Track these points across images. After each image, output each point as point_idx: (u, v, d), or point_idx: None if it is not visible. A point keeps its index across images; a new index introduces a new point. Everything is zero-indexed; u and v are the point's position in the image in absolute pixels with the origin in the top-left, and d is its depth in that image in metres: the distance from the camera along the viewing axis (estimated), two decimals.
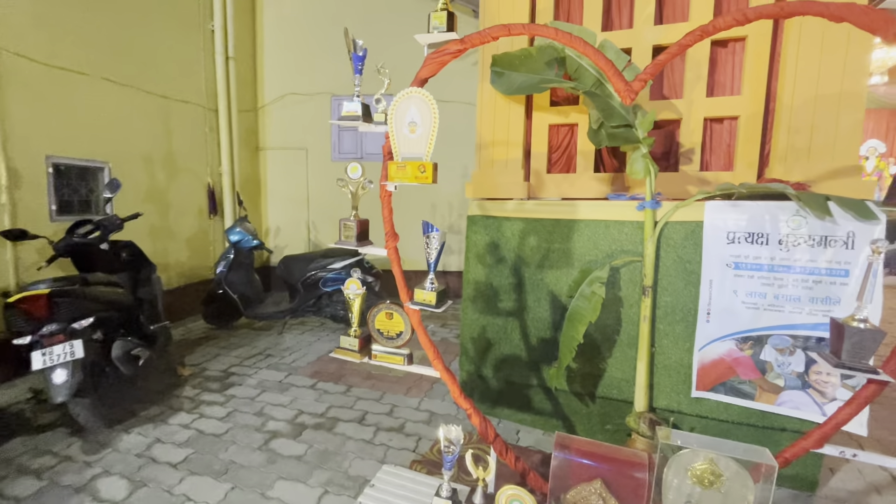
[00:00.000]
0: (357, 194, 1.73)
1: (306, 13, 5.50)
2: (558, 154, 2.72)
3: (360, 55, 1.64)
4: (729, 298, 1.99)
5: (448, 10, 1.49)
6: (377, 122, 1.63)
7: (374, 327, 1.79)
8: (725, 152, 2.39)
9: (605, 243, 2.24)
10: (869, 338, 1.18)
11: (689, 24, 2.33)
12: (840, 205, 1.76)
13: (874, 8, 1.10)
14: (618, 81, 1.37)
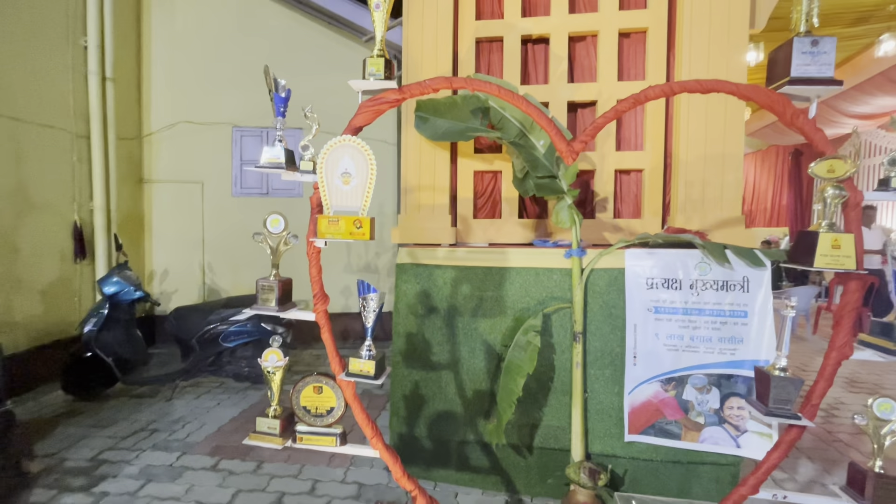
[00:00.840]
0: (279, 250, 1.52)
1: (204, 31, 5.02)
2: (483, 199, 2.73)
3: (282, 96, 1.46)
4: (652, 341, 2.09)
5: (385, 56, 1.40)
6: (304, 170, 1.46)
7: (300, 405, 1.54)
8: (634, 201, 2.60)
9: (536, 290, 2.25)
10: (790, 386, 1.28)
11: (598, 83, 2.54)
12: (735, 253, 1.97)
13: (774, 91, 1.25)
14: (560, 143, 1.38)
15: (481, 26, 2.62)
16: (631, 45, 2.59)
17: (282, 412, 1.55)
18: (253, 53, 5.00)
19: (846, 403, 3.58)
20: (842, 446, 2.87)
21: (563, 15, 2.54)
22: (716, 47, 2.31)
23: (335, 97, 4.86)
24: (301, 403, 1.54)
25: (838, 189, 1.22)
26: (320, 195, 1.42)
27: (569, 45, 2.60)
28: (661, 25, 2.46)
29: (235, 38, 5.01)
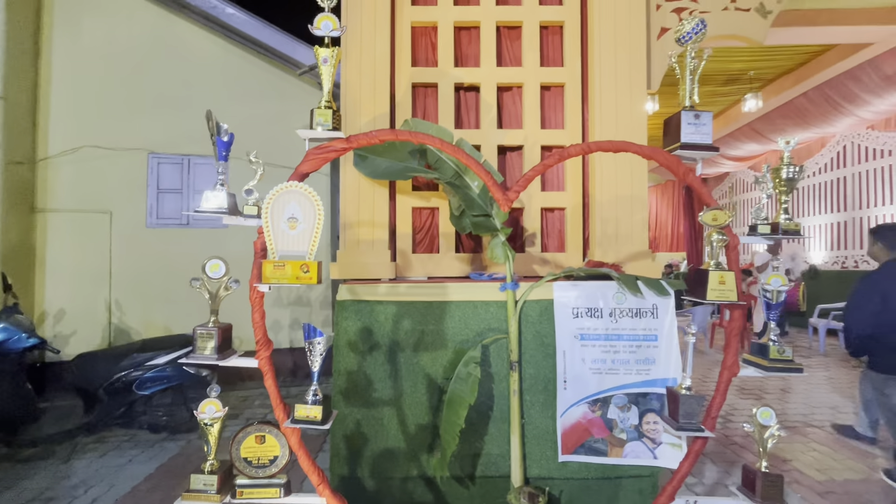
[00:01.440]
0: (218, 296, 1.47)
1: (115, 51, 4.68)
2: (422, 234, 2.83)
3: (224, 140, 1.46)
4: (579, 366, 2.28)
5: (333, 108, 1.47)
6: (248, 214, 1.45)
7: (240, 457, 1.48)
8: (559, 236, 2.85)
9: (475, 323, 2.36)
10: (695, 403, 1.49)
11: (524, 130, 2.79)
12: (645, 283, 2.24)
13: (670, 154, 1.50)
14: (497, 192, 1.52)
15: (417, 72, 2.77)
16: (552, 96, 2.89)
17: (219, 466, 1.47)
18: (174, 77, 4.77)
19: (738, 409, 4.09)
20: (738, 448, 3.28)
21: (492, 67, 2.78)
22: (621, 101, 2.67)
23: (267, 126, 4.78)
24: (241, 455, 1.47)
25: (721, 234, 1.49)
26: (265, 239, 1.42)
27: (497, 93, 2.85)
28: (576, 82, 2.78)
29: (154, 61, 4.75)
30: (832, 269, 7.06)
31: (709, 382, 4.93)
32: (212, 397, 1.46)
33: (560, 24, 2.81)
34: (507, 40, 2.88)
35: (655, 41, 2.81)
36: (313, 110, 1.47)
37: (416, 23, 2.81)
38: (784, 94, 6.06)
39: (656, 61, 2.80)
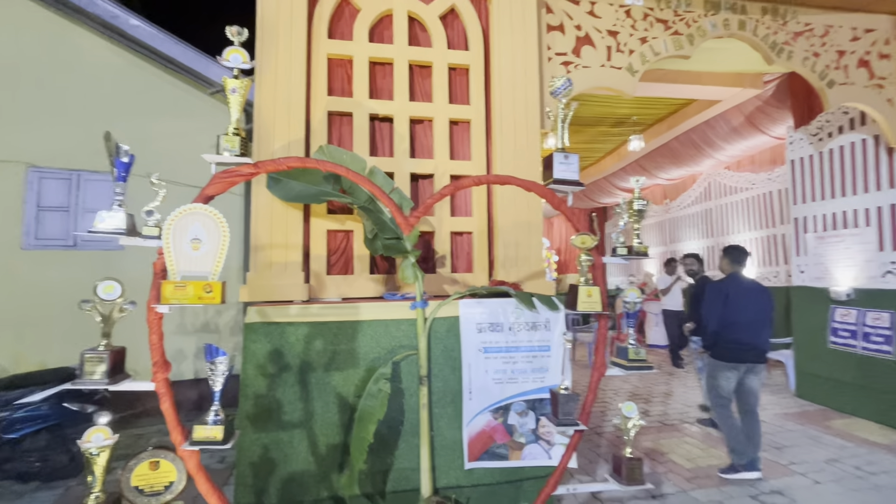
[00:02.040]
0: (111, 318, 1.44)
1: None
2: (336, 256, 2.89)
3: (124, 161, 1.46)
4: (483, 377, 2.48)
5: (241, 135, 1.54)
6: (148, 235, 1.45)
7: (130, 486, 1.42)
8: (467, 258, 3.07)
9: (386, 341, 2.47)
10: (571, 401, 1.72)
11: (435, 160, 3.01)
12: (540, 300, 2.51)
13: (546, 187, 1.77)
14: (399, 217, 1.68)
15: (333, 101, 2.89)
16: (460, 130, 3.16)
17: (105, 498, 1.40)
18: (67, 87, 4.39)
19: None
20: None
21: (405, 101, 2.98)
22: (519, 139, 3.00)
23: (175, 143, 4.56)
24: (132, 484, 1.42)
25: (588, 256, 1.78)
26: (165, 260, 1.43)
27: (410, 125, 3.05)
28: (480, 119, 3.08)
29: (42, 69, 4.35)
30: None
31: (607, 391, 5.44)
32: (99, 424, 1.40)
33: (466, 67, 3.11)
34: (420, 77, 3.12)
35: (548, 88, 3.22)
36: (220, 136, 1.53)
37: (333, 55, 2.95)
38: (661, 137, 7.09)
39: (548, 105, 3.20)
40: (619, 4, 3.37)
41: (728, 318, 3.22)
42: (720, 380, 3.28)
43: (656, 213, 9.79)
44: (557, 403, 1.72)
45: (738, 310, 3.21)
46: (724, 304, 3.24)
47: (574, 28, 3.29)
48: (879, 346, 4.14)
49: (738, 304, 3.22)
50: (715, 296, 3.33)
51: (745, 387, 3.26)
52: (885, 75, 3.85)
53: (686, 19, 3.47)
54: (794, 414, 4.48)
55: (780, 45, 3.61)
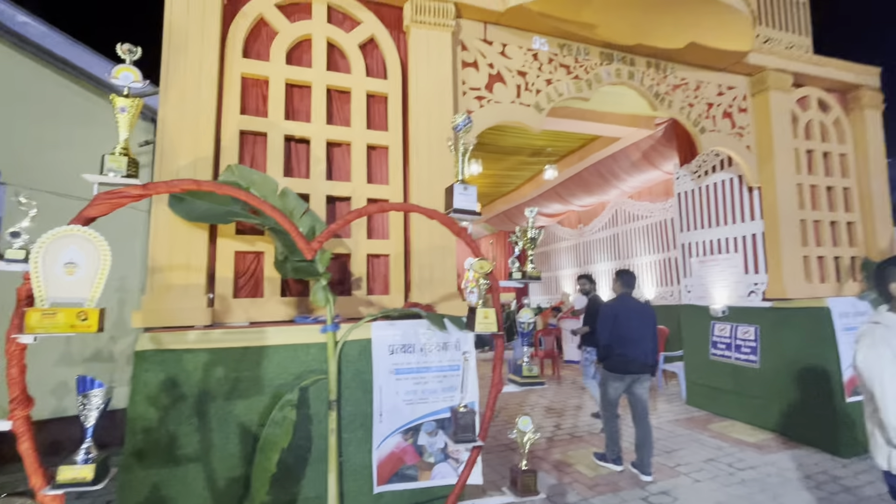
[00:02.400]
0: None
1: None
2: (245, 279, 2.80)
3: None
4: (394, 399, 2.50)
5: (128, 156, 1.48)
6: (11, 259, 1.33)
7: None
8: (383, 280, 3.11)
9: (294, 366, 2.42)
10: (470, 418, 1.82)
11: (352, 183, 3.04)
12: (450, 321, 2.62)
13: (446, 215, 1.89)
14: (301, 242, 1.69)
15: (246, 121, 2.85)
16: (378, 155, 3.23)
17: None
18: None
19: (543, 426, 4.79)
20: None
21: (322, 125, 3.01)
22: (434, 166, 3.13)
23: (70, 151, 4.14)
24: None
25: (486, 280, 1.92)
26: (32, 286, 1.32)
27: (328, 148, 3.08)
28: (398, 145, 3.18)
29: None
30: None
31: (524, 407, 5.67)
32: None
33: (385, 95, 3.21)
34: (339, 102, 3.17)
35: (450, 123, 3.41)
36: (105, 156, 1.46)
37: (248, 74, 2.91)
38: (573, 168, 7.73)
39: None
40: (527, 48, 3.70)
41: (617, 334, 3.62)
42: (609, 388, 3.72)
43: (572, 237, 10.54)
44: (456, 421, 1.81)
45: (626, 327, 3.63)
46: (613, 322, 3.65)
47: (487, 66, 3.55)
48: (748, 357, 4.78)
49: (626, 322, 3.64)
50: (606, 314, 3.74)
51: (633, 395, 3.65)
52: (744, 125, 4.57)
53: (585, 66, 3.88)
54: (683, 420, 4.99)
55: (662, 94, 4.16)
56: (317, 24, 3.08)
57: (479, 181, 8.89)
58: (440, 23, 3.26)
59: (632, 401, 3.67)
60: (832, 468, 3.62)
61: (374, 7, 3.25)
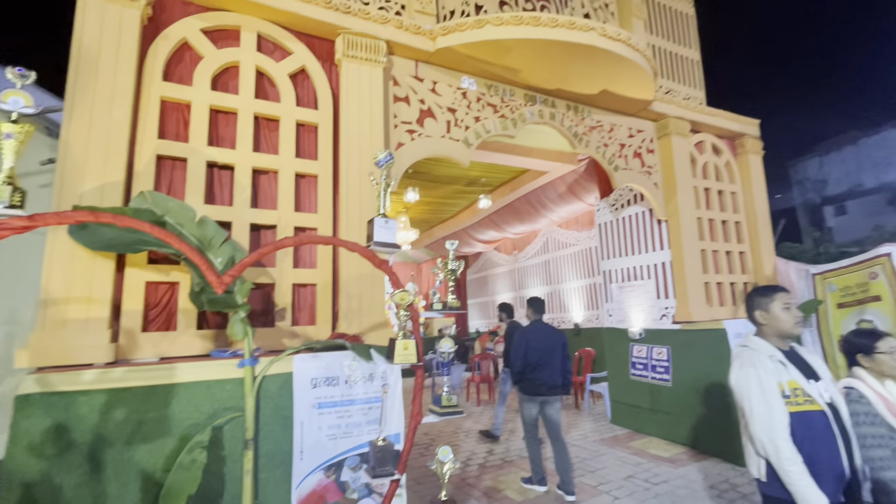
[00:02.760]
0: None
1: None
2: (157, 311, 2.63)
3: None
4: (316, 434, 2.43)
5: (14, 185, 1.38)
6: None
7: None
8: (309, 310, 3.05)
9: (207, 404, 2.28)
10: (388, 451, 1.82)
11: (278, 211, 2.99)
12: (377, 351, 2.62)
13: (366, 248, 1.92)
14: (210, 275, 1.65)
15: (165, 145, 2.73)
16: (308, 183, 3.21)
17: None
18: None
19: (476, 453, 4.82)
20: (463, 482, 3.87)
21: (248, 152, 2.96)
22: (365, 196, 3.17)
23: None
24: None
25: (406, 312, 1.96)
26: None
27: (255, 175, 3.02)
28: (328, 174, 3.19)
29: None
30: None
31: (459, 433, 5.68)
32: None
33: (315, 124, 3.23)
34: (267, 129, 3.14)
35: (394, 152, 3.51)
36: None
37: (168, 98, 2.81)
38: (507, 197, 8.11)
39: (394, 167, 3.47)
40: (457, 86, 3.91)
41: (529, 360, 3.87)
42: (525, 409, 3.95)
43: (507, 263, 10.92)
44: (374, 455, 1.80)
45: (537, 353, 3.88)
46: (525, 349, 3.89)
47: (418, 101, 3.70)
48: (662, 376, 5.18)
49: (538, 347, 3.90)
50: (519, 342, 4.00)
51: (546, 417, 3.88)
52: (652, 165, 5.08)
53: (511, 106, 4.16)
54: (607, 438, 5.25)
55: (580, 135, 4.55)
56: (245, 52, 3.06)
57: (417, 208, 9.03)
58: (372, 58, 3.37)
59: (545, 421, 3.89)
60: (733, 477, 3.97)
61: (305, 39, 3.30)
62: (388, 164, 2.17)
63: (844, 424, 1.79)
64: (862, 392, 1.96)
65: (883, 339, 2.00)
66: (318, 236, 1.77)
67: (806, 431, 1.75)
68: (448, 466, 1.99)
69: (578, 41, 3.56)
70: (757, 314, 1.97)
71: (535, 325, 4.08)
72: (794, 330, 1.89)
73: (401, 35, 3.51)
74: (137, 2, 2.70)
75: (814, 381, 1.85)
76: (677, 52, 5.48)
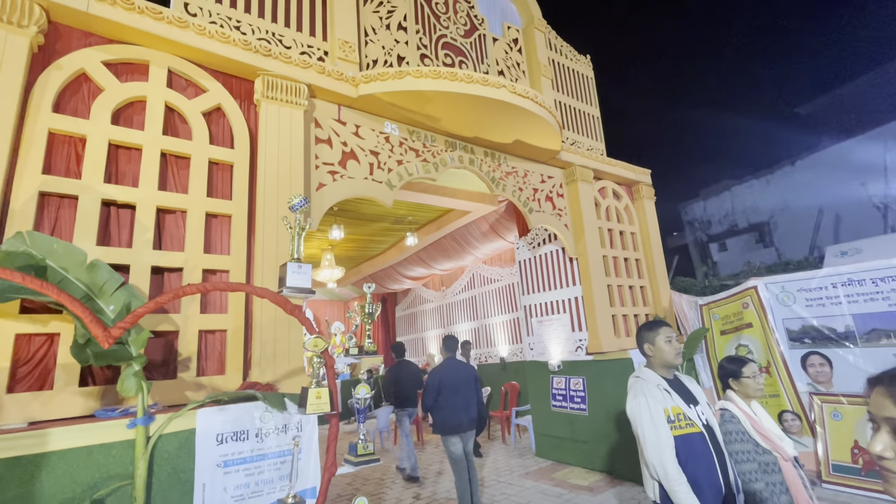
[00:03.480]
0: None
1: None
2: (29, 367, 2.31)
3: None
4: (220, 496, 2.23)
5: None
6: None
7: None
8: (218, 359, 2.85)
9: (86, 474, 2.01)
10: None
11: (186, 253, 2.82)
12: (291, 399, 2.50)
13: (278, 294, 1.88)
14: (96, 328, 1.51)
15: (50, 181, 2.49)
16: (220, 224, 3.07)
17: None
18: None
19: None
20: None
21: (152, 190, 2.78)
22: (282, 237, 3.10)
23: None
24: None
25: (320, 358, 1.92)
26: None
27: (160, 215, 2.83)
28: (243, 215, 3.08)
29: None
30: (474, 363, 9.43)
31: (387, 478, 5.45)
32: None
33: (230, 163, 3.14)
34: (176, 167, 2.99)
35: (315, 192, 3.49)
36: None
37: (58, 131, 2.59)
38: (433, 235, 8.30)
39: (315, 206, 3.45)
40: (380, 131, 4.03)
41: (444, 399, 4.00)
42: (450, 446, 3.97)
43: (436, 299, 11.02)
44: None
45: (451, 391, 4.01)
46: (438, 389, 4.01)
47: (341, 144, 3.75)
48: (579, 406, 5.44)
49: (451, 386, 4.03)
50: (431, 384, 4.07)
51: (466, 450, 4.03)
52: (562, 208, 5.54)
53: (432, 151, 4.36)
54: (532, 472, 5.34)
55: (497, 179, 4.86)
56: (154, 87, 2.93)
57: (344, 245, 8.90)
58: (293, 100, 3.39)
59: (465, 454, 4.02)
60: (644, 500, 4.21)
61: (222, 77, 3.25)
62: (303, 209, 2.16)
63: (719, 443, 2.02)
64: (733, 413, 2.24)
65: (747, 364, 2.32)
66: (223, 283, 1.70)
67: (688, 452, 1.95)
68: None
69: (491, 96, 3.88)
70: (645, 347, 2.20)
71: (446, 363, 4.17)
72: (675, 360, 2.13)
73: (323, 80, 3.59)
74: (27, 28, 2.51)
75: (693, 405, 2.08)
76: (580, 109, 6.15)
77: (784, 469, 2.13)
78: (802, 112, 18.31)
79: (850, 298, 4.51)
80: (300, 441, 2.46)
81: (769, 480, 2.11)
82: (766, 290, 5.05)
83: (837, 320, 4.57)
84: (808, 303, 4.78)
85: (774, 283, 5.03)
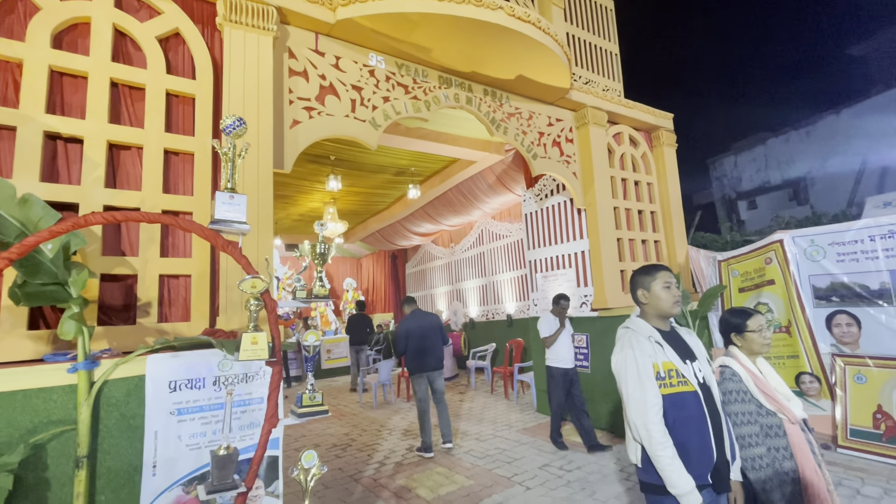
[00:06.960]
0: None
1: None
2: None
3: None
4: (174, 445, 2.11)
5: None
6: None
7: None
8: (183, 305, 2.70)
9: (23, 418, 1.90)
10: (229, 461, 1.57)
11: (143, 192, 2.61)
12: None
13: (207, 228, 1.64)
14: None
15: None
16: (182, 162, 2.84)
17: None
18: None
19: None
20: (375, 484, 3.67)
21: (102, 123, 2.55)
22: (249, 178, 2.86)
23: None
24: None
25: (258, 300, 1.71)
26: None
27: (115, 152, 2.62)
28: (206, 152, 2.83)
29: None
30: (481, 320, 9.31)
31: (384, 430, 5.46)
32: None
33: (192, 96, 2.86)
34: (130, 99, 2.73)
35: (288, 130, 3.20)
36: None
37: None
38: (439, 188, 7.96)
39: (289, 146, 3.17)
40: (363, 63, 3.65)
41: (412, 345, 4.66)
42: (417, 385, 4.66)
43: (445, 255, 10.81)
44: (213, 465, 1.54)
45: (419, 337, 4.68)
46: (406, 336, 4.68)
47: (318, 77, 3.41)
48: (582, 363, 5.24)
49: (419, 332, 4.70)
50: (400, 333, 4.73)
51: (433, 387, 4.70)
52: (570, 154, 5.10)
53: (424, 88, 3.97)
54: (530, 428, 5.25)
55: (498, 121, 4.45)
56: (99, 7, 2.63)
57: (347, 199, 8.67)
58: (260, 26, 3.05)
59: (433, 392, 4.68)
60: None
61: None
62: (237, 132, 1.89)
63: (715, 404, 1.76)
64: (735, 370, 1.97)
65: (753, 317, 2.01)
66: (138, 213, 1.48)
67: (678, 413, 1.70)
68: (313, 473, 1.78)
69: (485, 19, 3.42)
70: (639, 293, 1.91)
71: (412, 315, 4.81)
72: (672, 309, 1.84)
73: (295, 2, 3.21)
74: None
75: (689, 360, 1.81)
76: (596, 44, 5.54)
77: (790, 432, 1.86)
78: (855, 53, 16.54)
79: (890, 253, 4.05)
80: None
81: (772, 445, 1.85)
82: (793, 244, 4.61)
83: (872, 277, 4.13)
84: (840, 257, 4.33)
85: (803, 237, 4.58)
